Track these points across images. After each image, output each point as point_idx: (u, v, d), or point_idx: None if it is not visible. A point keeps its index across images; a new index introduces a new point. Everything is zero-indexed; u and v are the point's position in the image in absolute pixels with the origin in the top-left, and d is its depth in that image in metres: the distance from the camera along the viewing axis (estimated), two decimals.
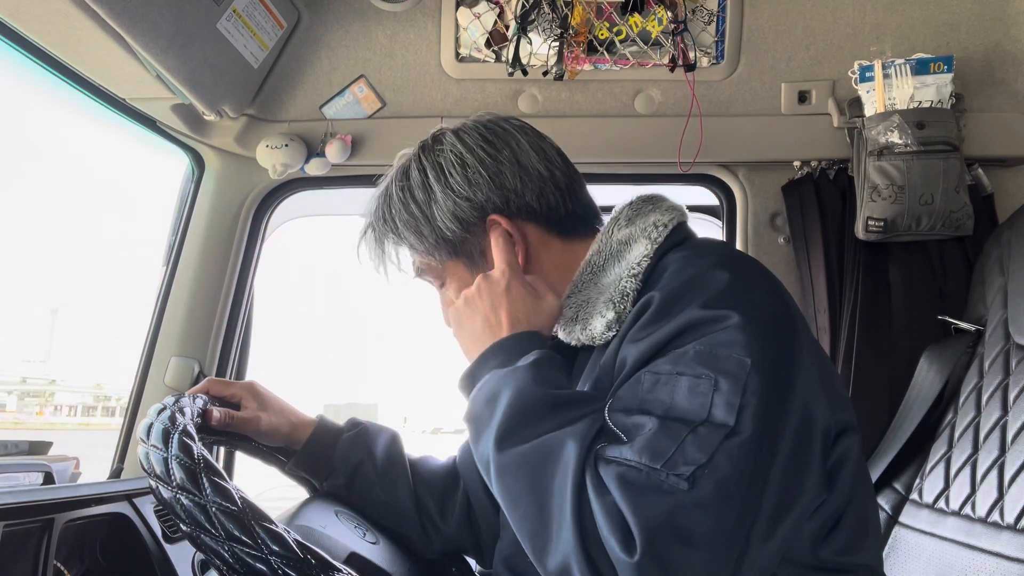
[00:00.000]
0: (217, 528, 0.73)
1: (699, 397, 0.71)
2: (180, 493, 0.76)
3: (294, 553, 0.73)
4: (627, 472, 0.68)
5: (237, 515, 0.74)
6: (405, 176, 1.03)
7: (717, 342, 0.74)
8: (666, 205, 0.97)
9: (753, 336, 0.74)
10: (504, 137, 1.00)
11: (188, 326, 1.61)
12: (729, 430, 0.69)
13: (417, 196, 1.00)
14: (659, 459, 0.68)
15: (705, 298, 0.77)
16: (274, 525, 0.75)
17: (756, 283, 0.81)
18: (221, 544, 0.73)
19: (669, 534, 0.65)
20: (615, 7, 1.52)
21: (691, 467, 0.67)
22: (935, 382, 1.39)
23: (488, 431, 0.79)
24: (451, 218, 0.98)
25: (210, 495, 0.75)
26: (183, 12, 1.28)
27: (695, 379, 0.72)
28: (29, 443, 1.26)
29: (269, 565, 0.72)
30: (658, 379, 0.74)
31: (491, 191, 0.98)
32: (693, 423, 0.70)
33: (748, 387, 0.71)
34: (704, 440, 0.69)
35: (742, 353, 0.73)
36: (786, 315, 0.80)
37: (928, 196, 1.46)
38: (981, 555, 1.11)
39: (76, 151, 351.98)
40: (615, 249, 0.93)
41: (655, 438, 0.70)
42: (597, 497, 0.68)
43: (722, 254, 0.85)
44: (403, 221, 1.01)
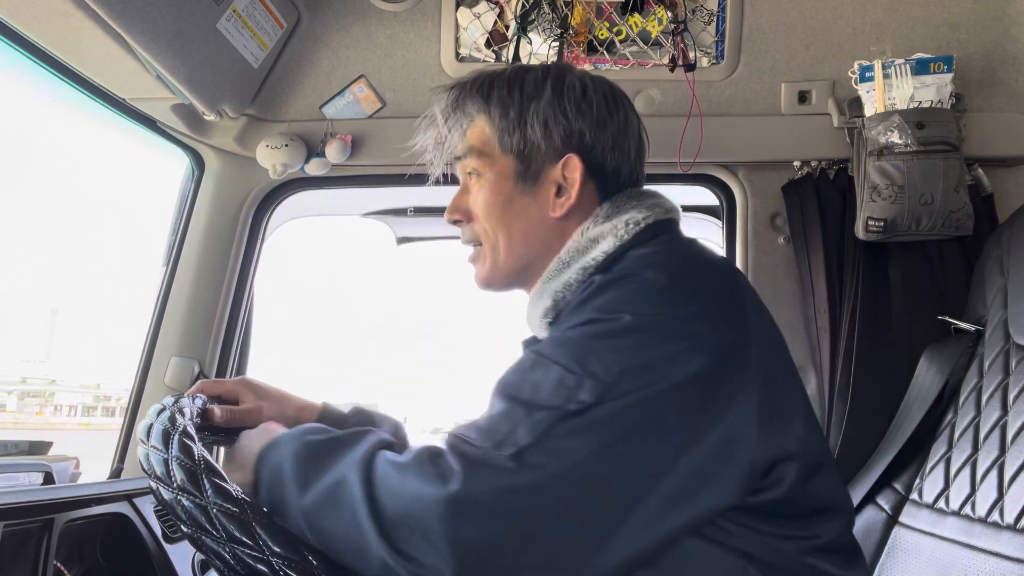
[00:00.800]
0: (218, 529, 0.73)
1: (562, 390, 0.73)
2: (181, 494, 0.76)
3: (295, 554, 0.73)
4: (465, 447, 0.72)
5: (238, 516, 0.74)
6: (523, 70, 1.03)
7: (598, 340, 0.75)
8: (650, 202, 0.96)
9: (639, 347, 0.74)
10: (625, 104, 1.03)
11: (188, 326, 1.61)
12: (566, 415, 0.71)
13: (526, 87, 1.00)
14: (491, 439, 0.72)
15: (616, 296, 0.79)
16: (275, 526, 0.75)
17: (683, 291, 0.79)
18: (222, 545, 0.73)
19: (486, 513, 0.68)
20: (615, 7, 1.52)
21: (516, 448, 0.70)
22: (935, 382, 1.39)
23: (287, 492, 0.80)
24: (542, 124, 0.98)
25: (211, 496, 0.75)
26: (183, 12, 1.28)
27: (566, 372, 0.74)
28: (29, 443, 1.26)
29: (271, 566, 0.72)
30: (536, 360, 0.77)
31: (589, 128, 0.98)
32: (535, 410, 0.72)
33: (609, 391, 0.72)
34: (537, 421, 0.71)
35: (614, 358, 0.73)
36: (713, 332, 0.77)
37: (928, 196, 1.45)
38: (981, 555, 1.11)
39: (76, 151, 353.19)
40: (583, 245, 0.92)
41: (497, 419, 0.74)
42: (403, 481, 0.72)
43: (672, 255, 0.84)
44: (500, 96, 1.00)
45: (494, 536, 0.68)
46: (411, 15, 1.61)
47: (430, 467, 0.72)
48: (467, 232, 1.04)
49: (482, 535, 0.68)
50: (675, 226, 0.97)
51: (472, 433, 0.74)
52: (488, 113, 1.01)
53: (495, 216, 0.99)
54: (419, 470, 0.73)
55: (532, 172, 0.99)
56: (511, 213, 0.99)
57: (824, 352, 1.57)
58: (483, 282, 1.04)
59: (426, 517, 0.69)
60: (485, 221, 1.00)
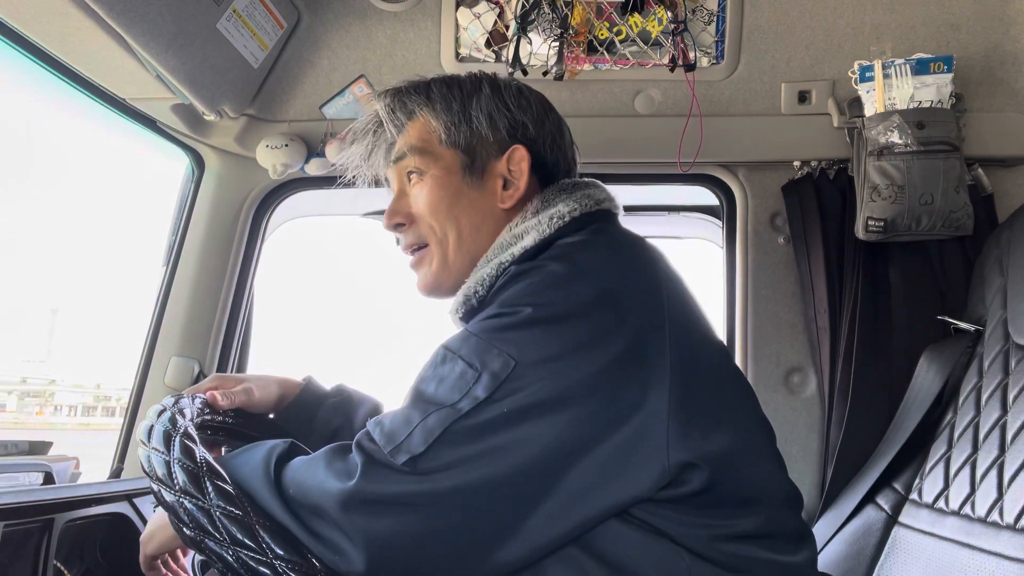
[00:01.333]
0: (221, 533, 0.73)
1: (461, 385, 0.75)
2: (183, 497, 0.75)
3: (298, 556, 0.73)
4: (371, 447, 0.75)
5: (241, 519, 0.74)
6: (454, 76, 1.06)
7: (499, 333, 0.76)
8: (580, 195, 0.94)
9: (539, 339, 0.75)
10: (555, 112, 1.07)
11: (188, 326, 1.61)
12: (457, 416, 0.73)
13: (464, 86, 1.03)
14: (389, 444, 0.74)
15: (520, 290, 0.79)
16: (278, 528, 0.75)
17: (585, 279, 0.78)
18: (225, 549, 0.73)
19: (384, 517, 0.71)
20: (615, 7, 1.52)
21: (408, 455, 0.72)
22: (935, 382, 1.39)
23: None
24: (487, 116, 1.00)
25: (213, 499, 0.75)
26: (183, 12, 1.28)
27: (467, 367, 0.75)
28: (29, 443, 1.26)
29: (274, 569, 0.72)
30: (445, 355, 0.79)
31: (530, 121, 1.01)
32: (431, 409, 0.74)
33: (505, 384, 0.73)
34: (430, 428, 0.73)
35: (513, 351, 0.74)
36: (621, 321, 0.76)
37: (928, 196, 1.45)
38: (981, 555, 1.11)
39: (76, 151, 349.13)
40: (508, 242, 0.92)
41: (399, 421, 0.76)
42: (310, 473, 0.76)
43: (583, 245, 0.84)
44: (441, 93, 1.02)
45: (394, 531, 0.71)
46: (411, 15, 1.61)
47: (336, 462, 0.75)
48: (409, 235, 1.03)
49: (383, 529, 0.71)
50: (608, 217, 0.96)
51: (376, 432, 0.76)
52: (432, 108, 1.01)
53: (443, 212, 0.98)
54: (325, 463, 0.76)
55: (478, 165, 0.99)
56: (459, 207, 0.98)
57: (824, 352, 1.57)
58: (430, 286, 1.02)
59: (331, 507, 0.72)
60: (432, 218, 0.99)
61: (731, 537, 0.78)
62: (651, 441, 0.74)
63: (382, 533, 0.71)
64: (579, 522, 0.73)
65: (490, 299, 0.85)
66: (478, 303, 0.89)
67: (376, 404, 1.18)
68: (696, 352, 0.80)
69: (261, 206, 1.70)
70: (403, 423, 0.75)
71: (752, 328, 1.62)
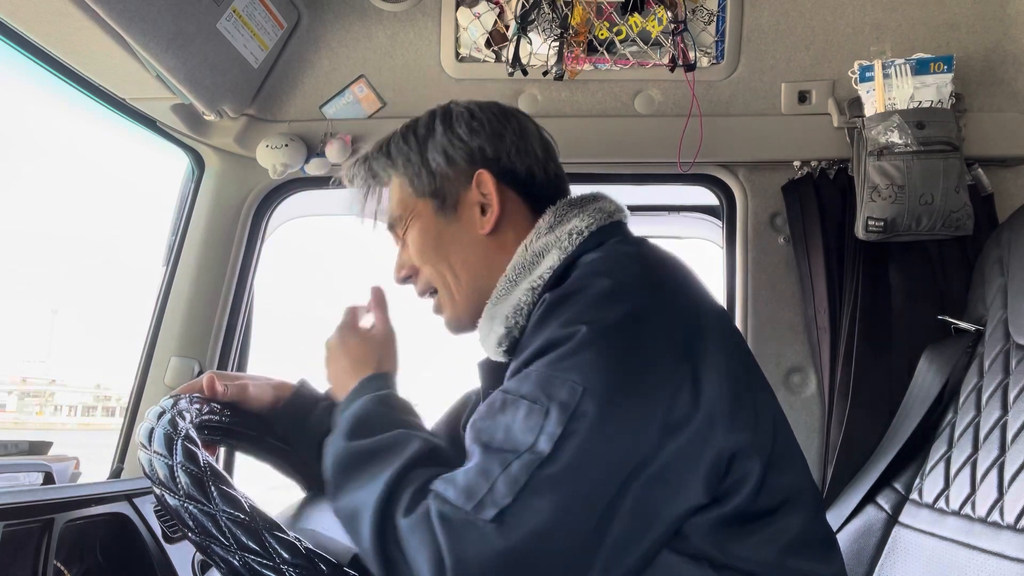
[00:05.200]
0: (227, 538, 0.73)
1: (531, 423, 0.72)
2: (187, 502, 0.75)
3: (305, 561, 0.73)
4: (447, 510, 0.70)
5: (247, 524, 0.73)
6: (413, 121, 1.08)
7: (558, 363, 0.74)
8: (592, 208, 0.95)
9: (600, 355, 0.74)
10: (516, 114, 1.06)
11: (188, 326, 1.61)
12: (542, 459, 0.70)
13: (418, 131, 1.05)
14: (471, 500, 0.70)
15: (568, 312, 0.78)
16: (284, 534, 0.74)
17: (631, 290, 0.79)
18: (232, 554, 0.72)
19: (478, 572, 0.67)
20: (615, 7, 1.52)
21: (496, 509, 0.69)
22: (935, 382, 1.39)
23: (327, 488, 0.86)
24: (441, 153, 1.02)
25: (219, 504, 0.74)
26: (183, 12, 1.28)
27: (532, 404, 0.73)
28: (29, 443, 1.26)
29: (280, 574, 0.72)
30: (506, 399, 0.76)
31: (486, 142, 1.01)
32: (511, 457, 0.71)
33: (576, 414, 0.71)
34: (514, 478, 0.70)
35: (577, 377, 0.72)
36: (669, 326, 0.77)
37: (928, 196, 1.45)
38: (981, 555, 1.11)
39: (76, 151, 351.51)
40: (529, 261, 0.92)
41: (474, 475, 0.72)
42: (413, 539, 0.71)
43: (619, 258, 0.84)
44: (399, 149, 1.05)
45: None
46: (411, 15, 1.61)
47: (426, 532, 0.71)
48: (419, 284, 1.06)
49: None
50: (622, 228, 0.96)
51: (449, 491, 0.72)
52: (395, 168, 1.05)
53: (431, 255, 1.02)
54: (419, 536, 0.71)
55: (450, 202, 1.01)
56: (444, 247, 1.01)
57: (824, 352, 1.57)
58: (453, 326, 1.05)
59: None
60: (426, 265, 1.03)
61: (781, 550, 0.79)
62: (707, 439, 0.74)
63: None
64: (650, 543, 0.72)
65: (532, 328, 0.83)
66: (520, 334, 0.88)
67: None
68: (731, 351, 0.82)
69: (261, 206, 1.70)
70: (480, 476, 0.71)
71: (752, 328, 1.63)
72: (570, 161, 1.64)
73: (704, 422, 0.74)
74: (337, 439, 0.88)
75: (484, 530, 0.68)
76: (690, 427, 0.74)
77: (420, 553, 0.70)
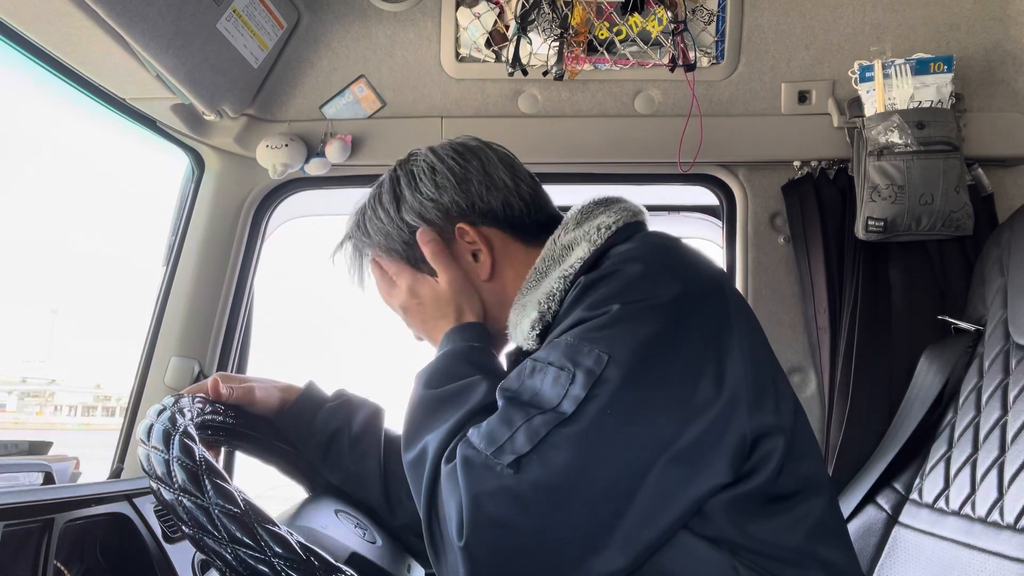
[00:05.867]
0: (220, 530, 0.73)
1: (557, 388, 0.75)
2: (182, 495, 0.76)
3: (297, 555, 0.73)
4: (470, 452, 0.75)
5: (239, 517, 0.74)
6: (379, 187, 1.08)
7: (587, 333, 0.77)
8: (618, 207, 0.98)
9: (628, 330, 0.76)
10: (475, 151, 1.06)
11: (188, 326, 1.61)
12: (563, 418, 0.73)
13: (384, 200, 1.06)
14: (492, 445, 0.74)
15: (602, 293, 0.81)
16: (277, 527, 0.75)
17: (666, 276, 0.82)
18: (224, 546, 0.73)
19: (492, 521, 0.71)
20: (615, 7, 1.52)
21: (514, 455, 0.72)
22: (935, 382, 1.39)
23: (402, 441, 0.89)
24: (417, 217, 1.03)
25: (212, 497, 0.75)
26: (183, 12, 1.28)
27: (559, 370, 0.76)
28: (29, 443, 1.26)
29: (272, 567, 0.72)
30: (534, 366, 0.79)
31: (456, 194, 1.02)
32: (534, 412, 0.74)
33: (601, 379, 0.74)
34: (535, 429, 0.73)
35: (604, 347, 0.75)
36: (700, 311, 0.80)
37: (928, 196, 1.46)
38: (981, 555, 1.11)
39: (76, 151, 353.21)
40: (558, 254, 0.94)
41: (496, 423, 0.76)
42: (445, 484, 0.75)
43: (651, 247, 0.87)
44: (372, 225, 1.07)
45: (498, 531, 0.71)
46: (411, 15, 1.61)
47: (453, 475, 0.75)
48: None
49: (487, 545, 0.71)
50: (645, 226, 0.99)
51: (474, 435, 0.76)
52: (378, 244, 1.07)
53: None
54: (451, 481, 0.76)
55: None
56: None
57: (824, 352, 1.57)
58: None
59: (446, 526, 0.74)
60: None
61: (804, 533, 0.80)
62: (731, 422, 0.76)
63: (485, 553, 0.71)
64: (671, 521, 0.74)
65: (565, 309, 0.86)
66: (552, 318, 0.90)
67: (376, 408, 1.18)
68: (755, 339, 0.85)
69: (261, 206, 1.70)
70: (503, 425, 0.75)
71: None
72: (570, 161, 1.65)
73: (728, 406, 0.76)
74: (417, 385, 0.91)
75: (501, 474, 0.72)
76: (713, 410, 0.75)
77: (450, 496, 0.74)
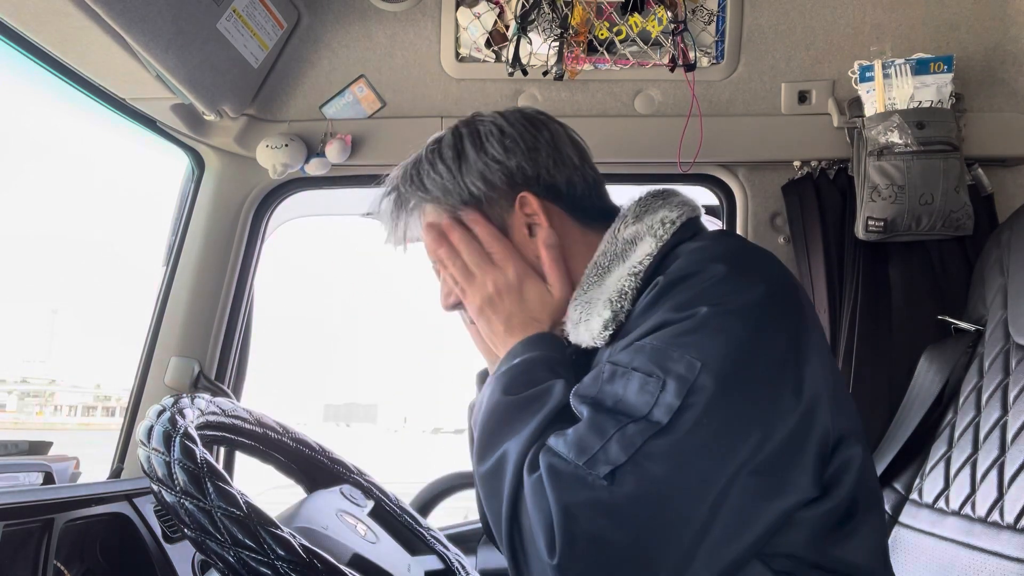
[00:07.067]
0: (222, 533, 0.73)
1: (646, 396, 0.71)
2: (184, 498, 0.75)
3: (300, 558, 0.73)
4: (557, 462, 0.70)
5: (242, 520, 0.74)
6: (437, 142, 1.02)
7: (675, 339, 0.74)
8: (676, 200, 0.95)
9: (719, 335, 0.73)
10: (545, 123, 1.02)
11: (188, 326, 1.61)
12: (658, 429, 0.69)
13: (446, 155, 0.99)
14: (584, 455, 0.69)
15: (687, 293, 0.77)
16: (279, 530, 0.75)
17: (750, 277, 0.79)
18: (227, 549, 0.73)
19: (587, 536, 0.67)
20: (615, 7, 1.52)
21: (610, 467, 0.68)
22: (935, 382, 1.39)
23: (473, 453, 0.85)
24: (480, 178, 0.97)
25: (214, 500, 0.75)
26: (183, 12, 1.28)
27: (646, 377, 0.73)
28: (29, 443, 1.26)
29: (275, 570, 0.72)
30: (616, 371, 0.75)
31: (524, 160, 0.97)
32: (625, 420, 0.71)
33: (696, 388, 0.70)
34: (629, 439, 0.69)
35: (696, 353, 0.72)
36: (784, 314, 0.79)
37: (928, 196, 1.46)
38: (981, 555, 1.11)
39: (76, 151, 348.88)
40: (621, 248, 0.91)
41: (586, 431, 0.71)
42: (531, 496, 0.71)
43: (728, 246, 0.84)
44: (430, 179, 0.99)
45: (593, 561, 0.67)
46: (411, 15, 1.61)
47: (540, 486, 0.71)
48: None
49: (582, 562, 0.67)
50: (702, 222, 0.96)
51: (561, 446, 0.72)
52: (432, 198, 1.00)
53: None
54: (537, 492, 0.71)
55: (498, 227, 0.98)
56: None
57: None
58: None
59: (534, 541, 0.70)
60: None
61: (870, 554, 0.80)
62: (812, 426, 0.75)
63: (580, 548, 0.67)
64: (752, 540, 0.71)
65: (642, 310, 0.82)
66: (625, 318, 0.86)
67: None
68: (825, 342, 0.84)
69: (261, 206, 1.70)
70: (593, 433, 0.71)
71: None
72: None
73: (808, 410, 0.75)
74: (492, 390, 0.86)
75: (594, 485, 0.68)
76: (794, 416, 0.74)
77: (537, 509, 0.70)
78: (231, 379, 1.68)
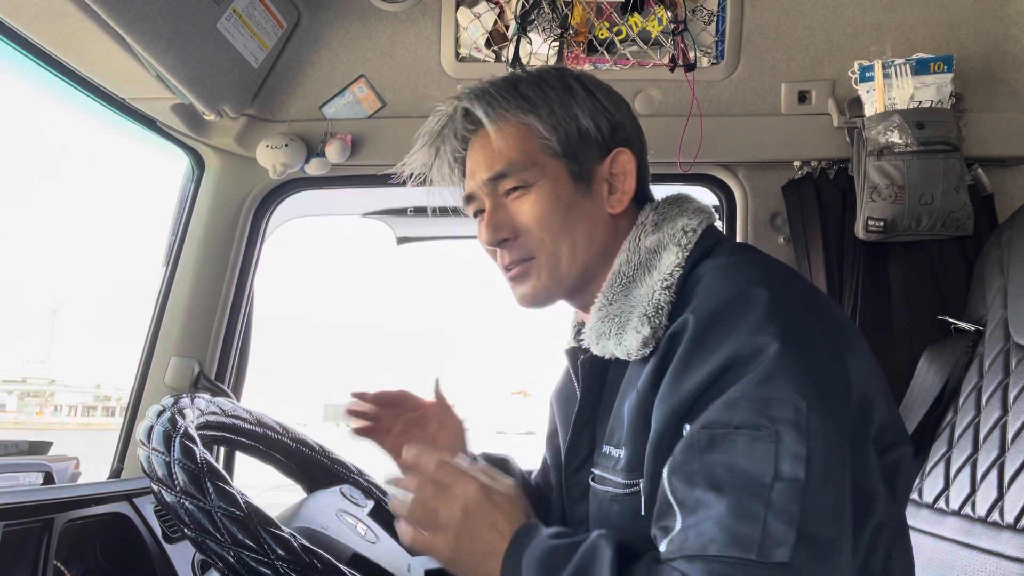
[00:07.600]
0: (223, 533, 0.73)
1: (762, 455, 0.67)
2: (184, 498, 0.75)
3: (300, 558, 0.73)
4: (721, 568, 0.63)
5: (242, 520, 0.74)
6: (535, 73, 0.95)
7: (765, 384, 0.70)
8: (693, 207, 0.92)
9: (801, 367, 0.70)
10: (624, 101, 0.99)
11: (188, 326, 1.61)
12: (802, 485, 0.65)
13: (555, 84, 0.93)
14: (751, 549, 0.63)
15: (744, 326, 0.73)
16: (279, 530, 0.75)
17: (797, 298, 0.78)
18: (227, 549, 0.73)
19: None
20: (615, 7, 1.52)
21: (786, 547, 0.63)
22: (935, 382, 1.39)
23: None
24: (589, 116, 0.92)
25: (214, 500, 0.75)
26: (183, 12, 1.28)
27: (753, 432, 0.68)
28: (29, 443, 1.26)
29: (275, 570, 0.72)
30: (713, 436, 0.69)
31: (627, 121, 0.96)
32: (764, 492, 0.65)
33: (811, 432, 0.67)
34: (784, 509, 0.64)
35: (795, 394, 0.69)
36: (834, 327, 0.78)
37: (928, 196, 1.45)
38: (981, 555, 1.11)
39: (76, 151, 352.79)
40: (644, 258, 0.88)
41: (735, 524, 0.64)
42: None
43: (758, 267, 0.82)
44: (537, 95, 0.92)
45: None
46: (411, 15, 1.61)
47: None
48: (515, 250, 0.93)
49: None
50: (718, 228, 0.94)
51: (714, 547, 0.64)
52: (535, 113, 0.91)
53: (556, 225, 0.91)
54: None
55: (585, 172, 0.92)
56: (572, 219, 0.91)
57: None
58: (538, 298, 0.94)
59: None
60: (544, 232, 0.91)
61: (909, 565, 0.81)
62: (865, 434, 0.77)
63: None
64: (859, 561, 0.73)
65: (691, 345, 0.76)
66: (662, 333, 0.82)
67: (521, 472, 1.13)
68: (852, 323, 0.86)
69: (261, 206, 1.70)
70: (742, 520, 0.64)
71: None
72: None
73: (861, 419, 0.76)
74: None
75: (775, 572, 0.63)
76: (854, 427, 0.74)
77: None
78: (231, 379, 1.68)
